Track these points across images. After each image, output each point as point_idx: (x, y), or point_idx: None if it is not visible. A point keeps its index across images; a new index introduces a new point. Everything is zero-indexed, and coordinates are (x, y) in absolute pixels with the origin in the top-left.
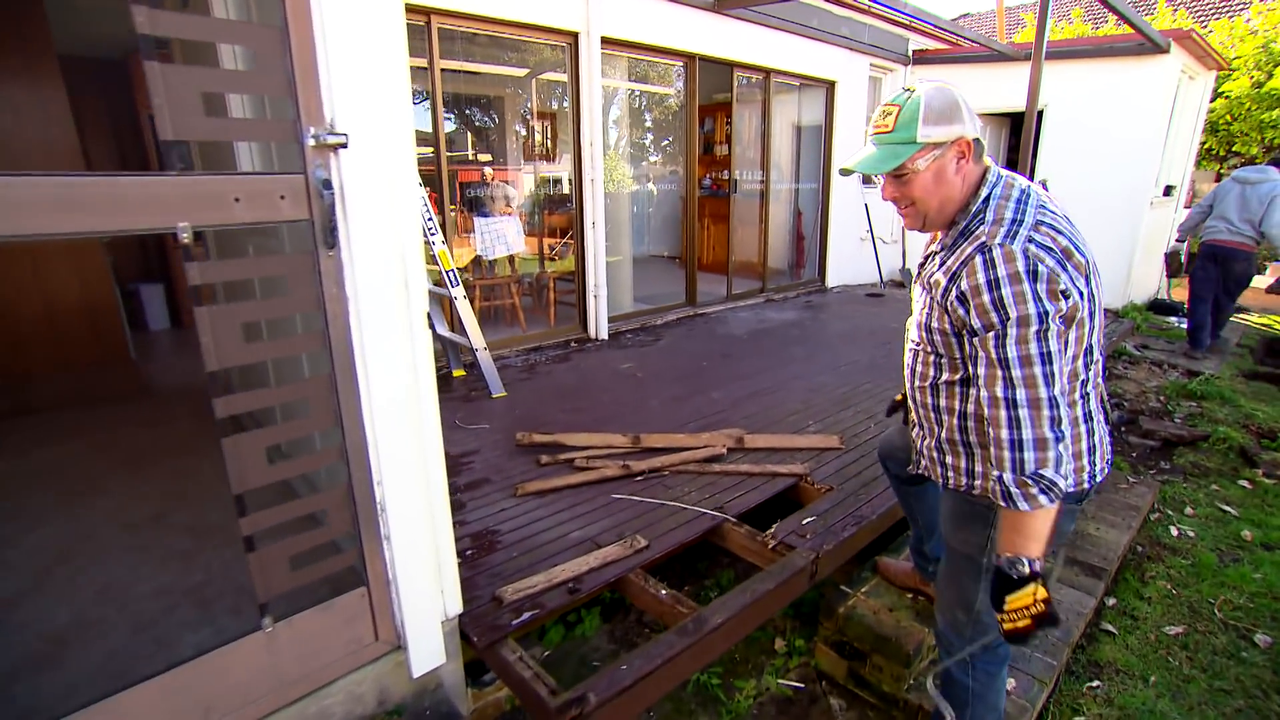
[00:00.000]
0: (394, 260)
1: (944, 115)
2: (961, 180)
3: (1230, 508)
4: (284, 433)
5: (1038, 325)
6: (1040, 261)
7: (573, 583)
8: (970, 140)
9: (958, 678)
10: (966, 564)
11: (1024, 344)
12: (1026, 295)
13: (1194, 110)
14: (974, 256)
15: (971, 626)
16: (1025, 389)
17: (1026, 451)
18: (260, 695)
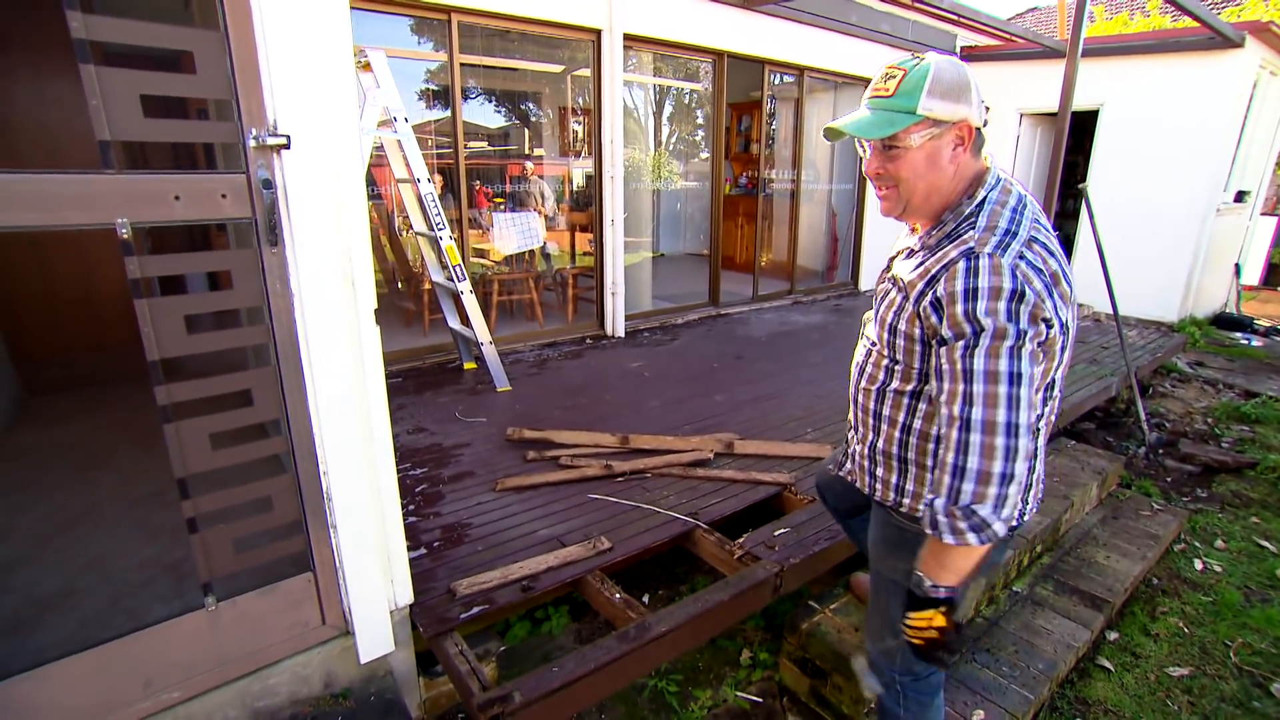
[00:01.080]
0: (338, 257)
1: (951, 91)
2: (955, 170)
3: (1269, 543)
4: (227, 420)
5: (1013, 341)
6: (1028, 284)
7: (528, 580)
8: (974, 127)
9: (890, 708)
10: (894, 590)
11: (994, 358)
12: (1002, 311)
13: (1275, 109)
14: (958, 261)
15: (901, 654)
16: (984, 408)
17: (966, 482)
18: (201, 670)
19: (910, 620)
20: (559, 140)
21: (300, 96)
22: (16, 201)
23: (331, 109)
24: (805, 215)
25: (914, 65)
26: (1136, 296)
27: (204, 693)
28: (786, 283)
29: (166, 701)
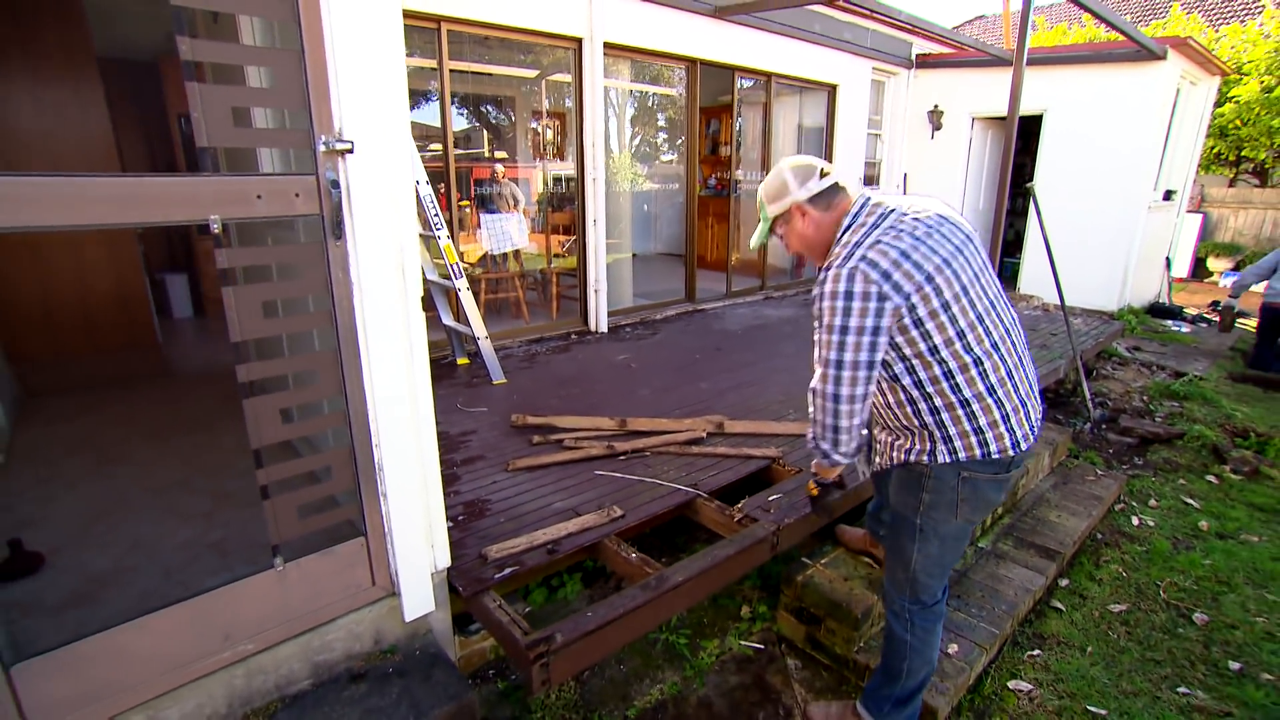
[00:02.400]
0: (393, 250)
1: (775, 195)
2: (814, 227)
3: (1193, 500)
4: (296, 397)
5: (838, 336)
6: (855, 279)
7: (551, 545)
8: (800, 203)
9: (899, 634)
10: (906, 525)
11: (826, 348)
12: (837, 309)
13: (1196, 116)
14: (823, 273)
15: (909, 584)
16: (819, 382)
17: (813, 426)
18: (271, 625)
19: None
20: (530, 143)
21: (362, 107)
22: (134, 203)
23: (388, 118)
24: None
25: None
26: (1081, 288)
27: (273, 646)
28: (758, 279)
29: (242, 653)
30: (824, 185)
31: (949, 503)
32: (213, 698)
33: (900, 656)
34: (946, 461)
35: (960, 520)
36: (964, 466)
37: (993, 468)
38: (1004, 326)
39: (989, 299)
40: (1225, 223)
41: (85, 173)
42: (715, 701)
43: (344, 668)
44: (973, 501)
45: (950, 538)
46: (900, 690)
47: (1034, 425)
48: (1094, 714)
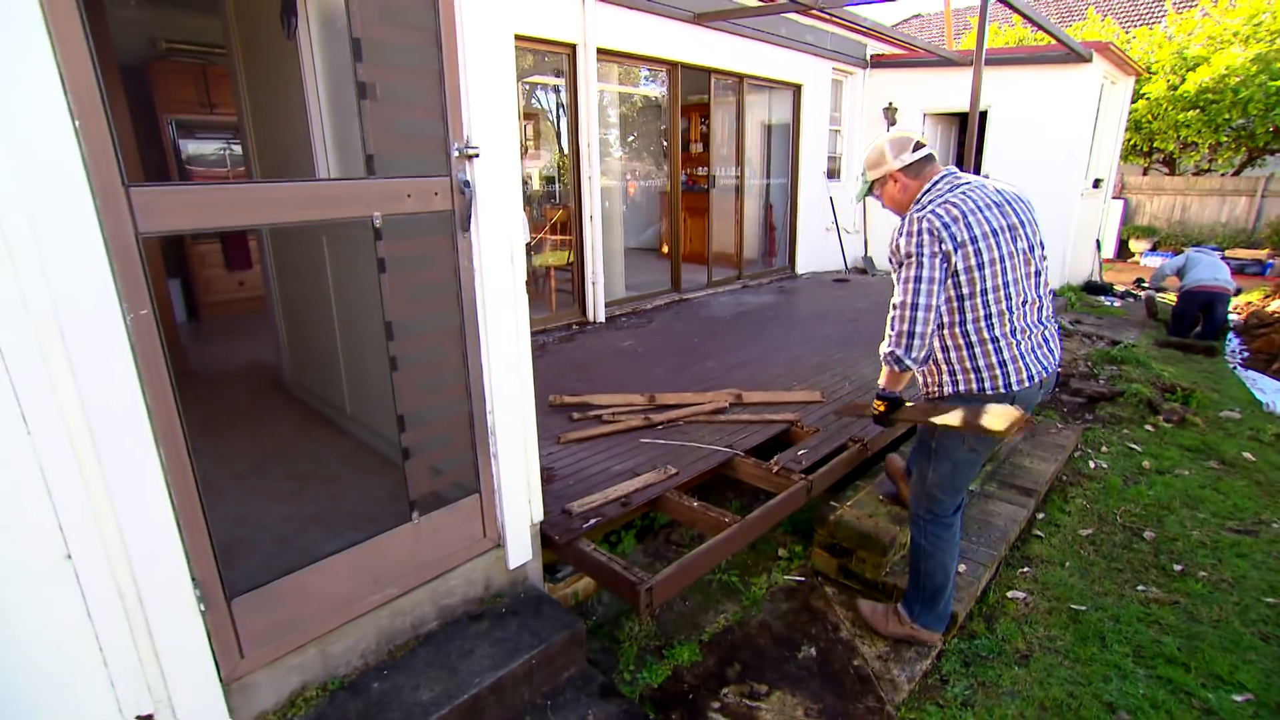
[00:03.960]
0: (505, 241)
1: (873, 163)
2: (902, 191)
3: (1136, 445)
4: (432, 369)
5: (915, 259)
6: (924, 222)
7: (624, 499)
8: (895, 171)
9: (916, 540)
10: (924, 447)
11: (906, 269)
12: (913, 241)
13: (1117, 112)
14: (901, 222)
15: (926, 497)
16: (901, 296)
17: (891, 339)
18: (408, 572)
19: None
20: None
21: (485, 118)
22: (319, 203)
23: (504, 127)
24: (747, 208)
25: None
26: None
27: (410, 590)
28: (735, 270)
29: (388, 595)
30: (916, 157)
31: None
32: (365, 635)
33: (918, 560)
34: (951, 392)
35: (966, 449)
36: (969, 399)
37: (998, 402)
38: (1024, 295)
39: (1020, 273)
40: (1143, 208)
41: (285, 179)
42: (772, 623)
43: (463, 611)
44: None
45: (961, 463)
46: (923, 592)
47: (1032, 375)
48: (1076, 609)
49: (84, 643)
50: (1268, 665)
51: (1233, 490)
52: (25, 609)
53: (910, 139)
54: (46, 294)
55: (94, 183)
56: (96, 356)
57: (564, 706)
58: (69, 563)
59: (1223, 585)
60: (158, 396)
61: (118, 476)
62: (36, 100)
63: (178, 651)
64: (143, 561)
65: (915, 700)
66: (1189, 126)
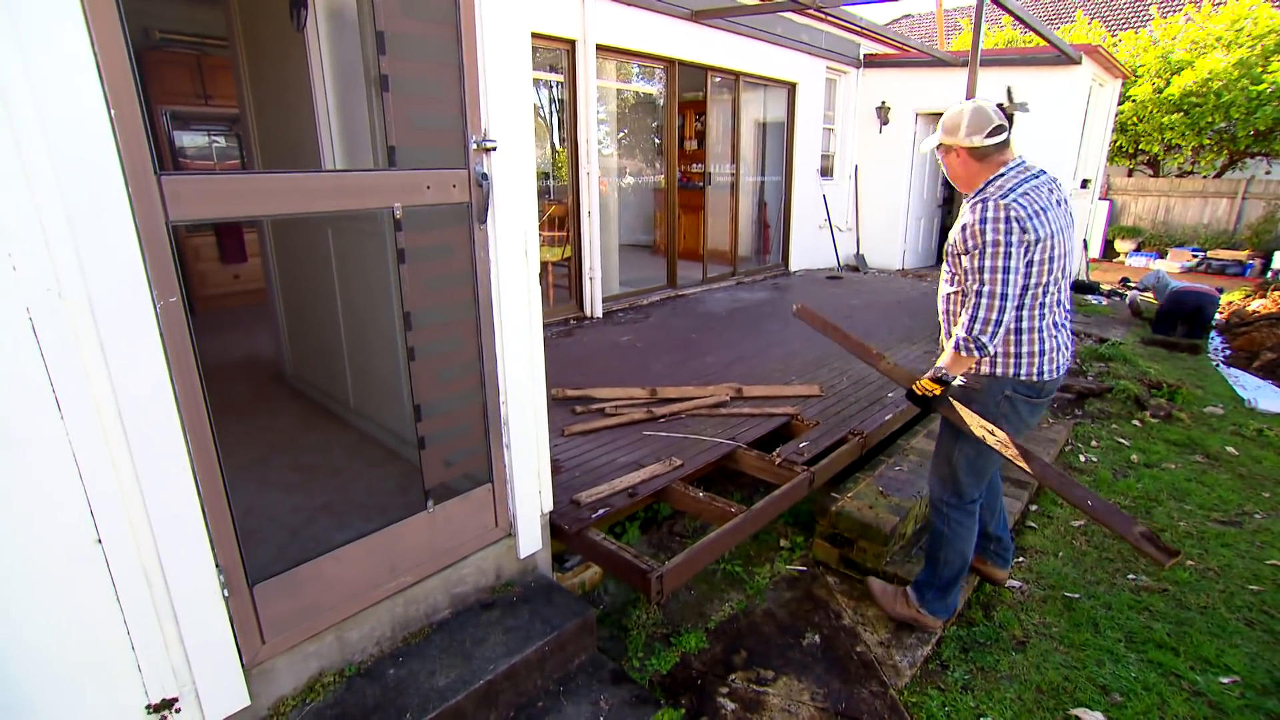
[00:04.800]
0: (519, 234)
1: (949, 129)
2: (964, 168)
3: (1124, 440)
4: (447, 359)
5: (1002, 249)
6: (1011, 210)
7: (631, 490)
8: (960, 146)
9: (937, 526)
10: (951, 431)
11: (990, 258)
12: (1000, 229)
13: (1104, 113)
14: (977, 204)
15: (950, 480)
16: (986, 285)
17: (972, 324)
18: (423, 561)
19: (924, 382)
20: None
21: (502, 112)
22: (342, 193)
23: (520, 122)
24: (742, 205)
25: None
26: None
27: (424, 578)
28: (729, 266)
29: (403, 584)
30: (987, 143)
31: (993, 417)
32: (381, 623)
33: (937, 547)
34: (988, 373)
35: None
36: (1005, 383)
37: (1026, 389)
38: (1060, 294)
39: (1061, 272)
40: (1128, 209)
41: (309, 169)
42: (776, 611)
43: (475, 599)
44: (1011, 419)
45: (987, 448)
46: (938, 579)
47: (1059, 368)
48: (1070, 598)
49: (113, 626)
50: (1252, 649)
51: (1217, 483)
52: (57, 592)
53: (991, 121)
54: (81, 282)
55: (127, 172)
56: (127, 343)
57: (576, 692)
58: (99, 547)
59: (1209, 574)
60: (185, 383)
61: (145, 462)
62: (74, 89)
63: (201, 636)
64: (168, 546)
65: (917, 684)
66: (1173, 129)
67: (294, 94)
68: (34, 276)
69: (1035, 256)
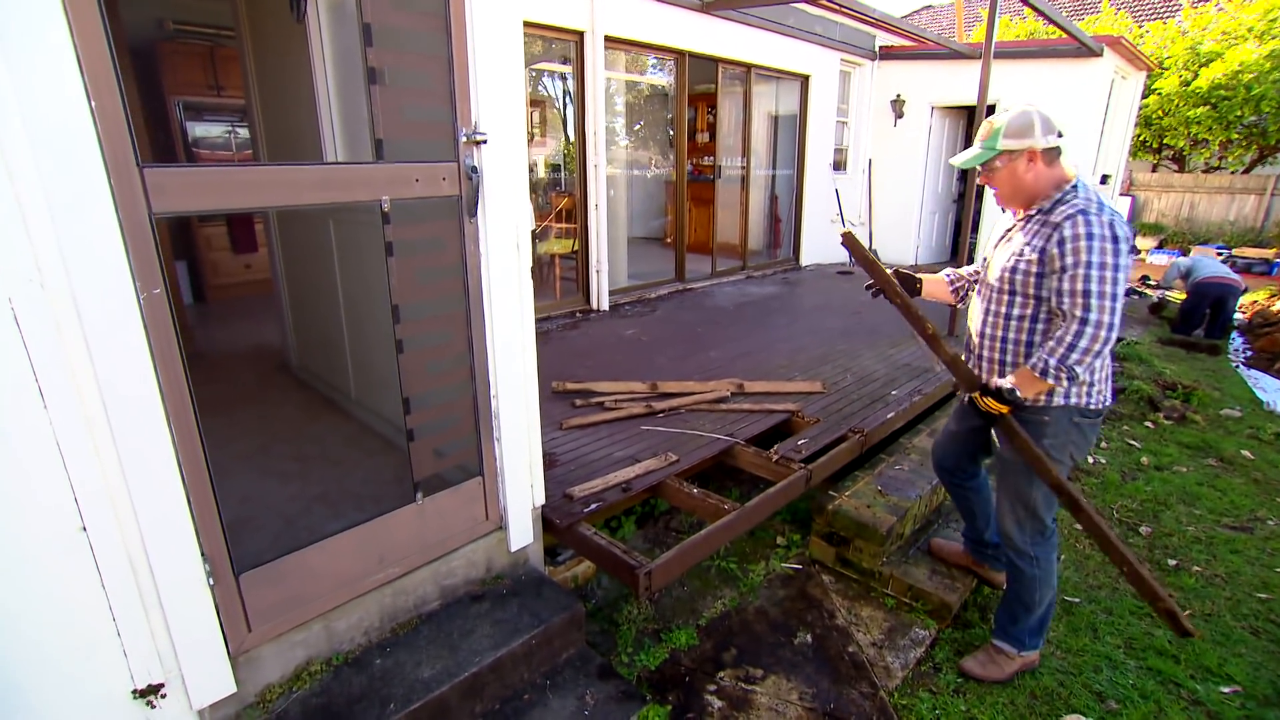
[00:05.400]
0: (511, 227)
1: (1019, 132)
2: (1034, 177)
3: (1135, 442)
4: (437, 352)
5: (1113, 273)
6: (1118, 226)
7: (625, 484)
8: (1039, 150)
9: (1027, 572)
10: (1023, 470)
11: (1103, 282)
12: (1112, 249)
13: (1127, 107)
14: (1075, 216)
15: (1031, 521)
16: (1098, 314)
17: (1074, 353)
18: (412, 552)
19: (988, 401)
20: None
21: (493, 104)
22: (329, 186)
23: (511, 115)
24: (752, 198)
25: (1000, 118)
26: None
27: (413, 570)
28: (739, 260)
29: (392, 575)
30: (1058, 144)
31: (1063, 445)
32: (369, 613)
33: (1031, 591)
34: (1063, 404)
35: (1070, 461)
36: (1075, 411)
37: (1093, 416)
38: None
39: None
40: (1150, 205)
41: (295, 161)
42: (769, 610)
43: (464, 591)
44: (1080, 444)
45: (1064, 475)
46: (1035, 619)
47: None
48: (1070, 601)
49: (98, 613)
50: (1256, 658)
51: (1230, 488)
52: (42, 578)
53: (1056, 125)
54: (63, 273)
55: (109, 162)
56: (111, 334)
57: (563, 686)
58: (84, 535)
59: (1216, 580)
60: (169, 375)
61: (129, 452)
62: (54, 81)
63: (187, 623)
64: (153, 535)
65: (908, 686)
66: (1200, 123)
67: (296, 86)
68: (15, 267)
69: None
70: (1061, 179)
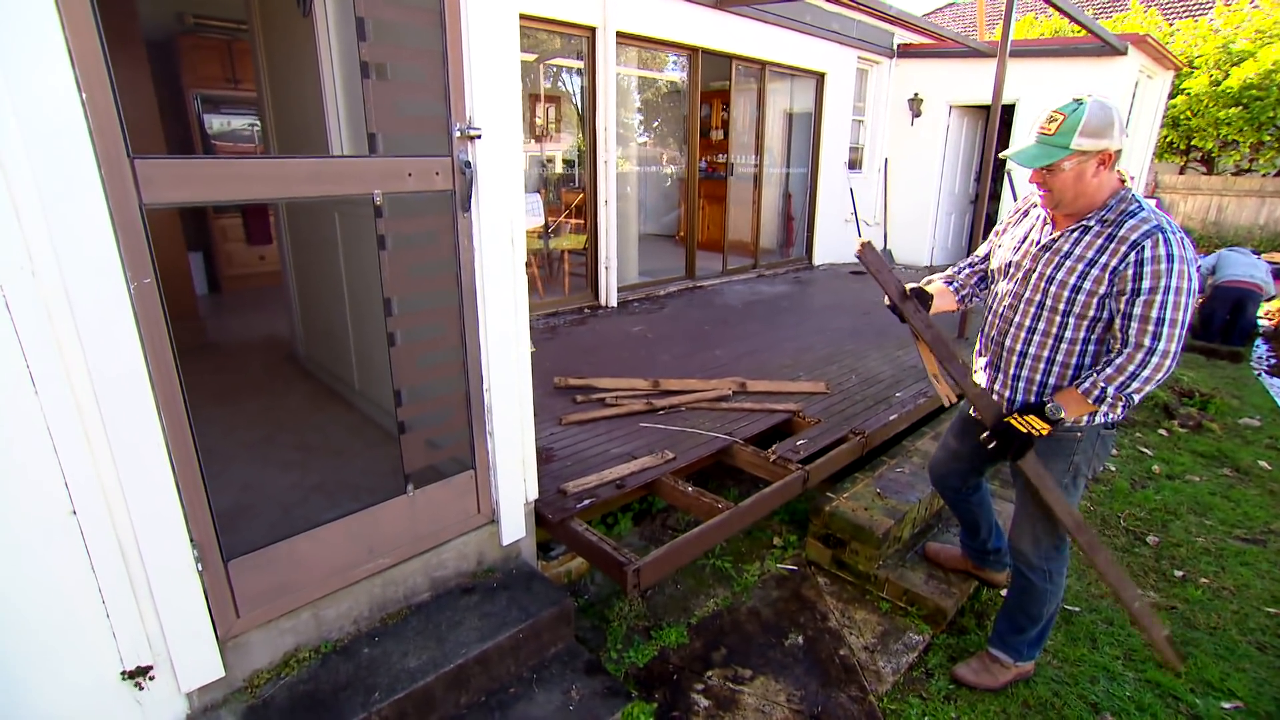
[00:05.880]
0: (505, 222)
1: (1098, 131)
2: (1098, 183)
3: (1148, 450)
4: (430, 345)
5: (1186, 299)
6: (1189, 247)
7: (619, 481)
8: (1113, 152)
9: (1039, 586)
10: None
11: (1175, 309)
12: (1190, 274)
13: (1153, 107)
14: (1155, 235)
15: (1049, 536)
16: (1167, 343)
17: (1136, 382)
18: (402, 543)
19: (1030, 420)
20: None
21: (488, 99)
22: (321, 179)
23: (506, 110)
24: (765, 196)
25: (1072, 110)
26: None
27: (403, 561)
28: (751, 258)
29: (382, 565)
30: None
31: (1089, 459)
32: (359, 602)
33: (1041, 604)
34: (1101, 422)
35: (1094, 471)
36: (1103, 426)
37: (1115, 427)
38: None
39: None
40: (1176, 207)
41: (287, 154)
42: (762, 610)
43: (455, 583)
44: (1104, 457)
45: (1084, 487)
46: (1036, 631)
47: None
48: (1070, 611)
49: (87, 595)
50: (1261, 674)
51: (1244, 498)
52: (32, 561)
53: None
54: (54, 261)
55: (100, 154)
56: (101, 322)
57: (549, 680)
58: (74, 518)
59: (1223, 593)
60: (160, 363)
61: (120, 438)
62: (46, 74)
63: (175, 608)
64: (143, 520)
65: (899, 691)
66: (1230, 124)
67: (304, 79)
68: (8, 256)
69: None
70: (1117, 185)
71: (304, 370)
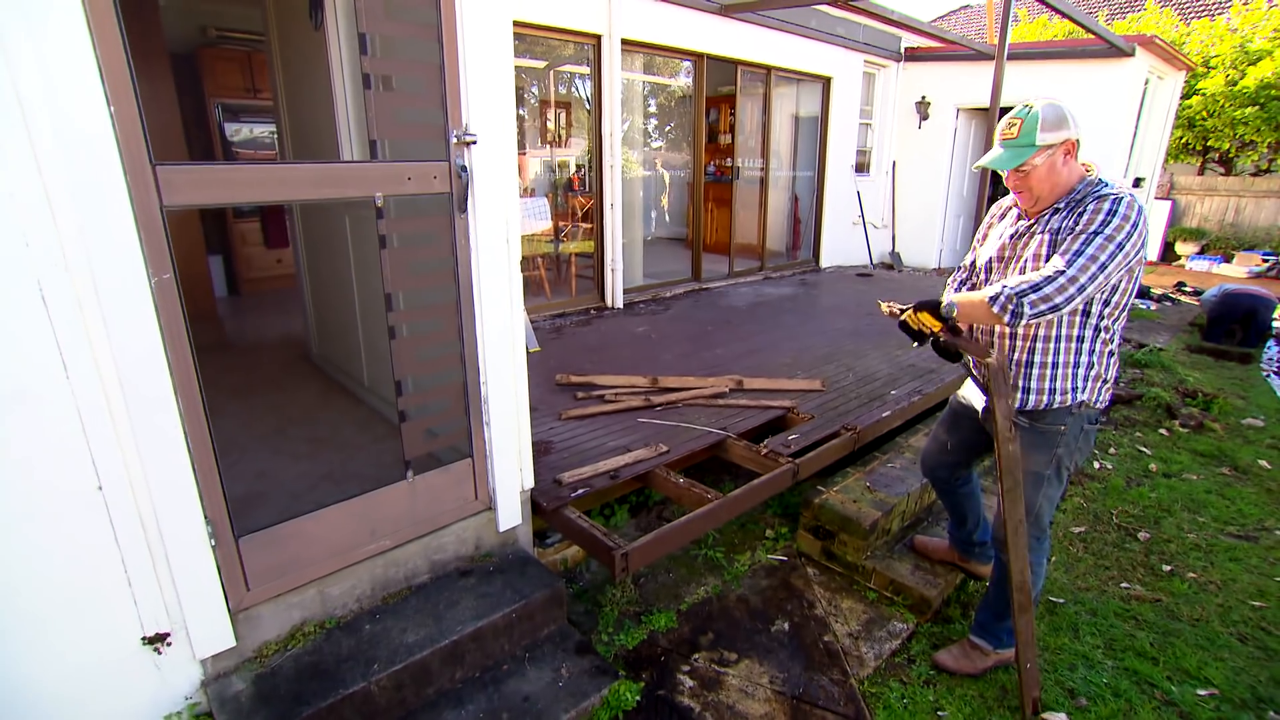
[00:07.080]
0: (500, 223)
1: (1056, 124)
2: (1066, 170)
3: (1146, 449)
4: (429, 339)
5: (1113, 247)
6: (1142, 215)
7: (613, 472)
8: (1075, 141)
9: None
10: (1033, 479)
11: (1098, 249)
12: (1128, 232)
13: (1164, 108)
14: (1103, 201)
15: (1032, 525)
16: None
17: (1034, 293)
18: (403, 527)
19: (924, 317)
20: (539, 131)
21: (483, 107)
22: (324, 183)
23: (502, 117)
24: (772, 200)
25: (1027, 114)
26: None
27: (403, 544)
28: (757, 261)
29: (383, 547)
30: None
31: (1072, 452)
32: (361, 581)
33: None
34: (1072, 401)
35: (1075, 464)
36: (1085, 418)
37: (1099, 417)
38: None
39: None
40: (1192, 209)
41: (293, 160)
42: (751, 598)
43: (454, 566)
44: (1085, 449)
45: (1066, 479)
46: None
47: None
48: (1054, 602)
49: (112, 563)
50: (1239, 663)
51: (1240, 496)
52: (64, 528)
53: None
54: (85, 257)
55: (125, 161)
56: (125, 314)
57: (540, 659)
58: (100, 493)
59: (1209, 587)
60: (177, 353)
61: (141, 421)
62: (79, 90)
63: (191, 579)
64: (161, 498)
65: (880, 676)
66: (1247, 124)
67: (316, 89)
68: (44, 252)
69: (1136, 269)
70: (1083, 173)
71: (316, 368)
